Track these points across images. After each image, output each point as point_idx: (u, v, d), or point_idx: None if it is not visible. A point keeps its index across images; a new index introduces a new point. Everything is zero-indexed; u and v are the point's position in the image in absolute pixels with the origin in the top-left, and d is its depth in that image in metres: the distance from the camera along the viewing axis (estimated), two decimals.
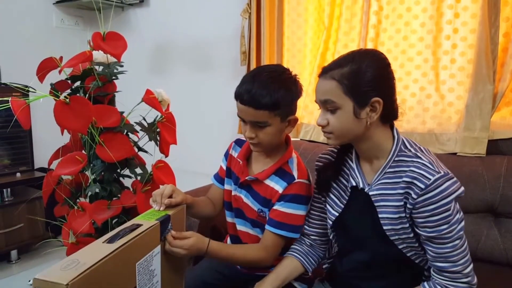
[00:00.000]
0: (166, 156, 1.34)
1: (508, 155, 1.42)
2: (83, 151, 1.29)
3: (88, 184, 1.30)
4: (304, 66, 1.93)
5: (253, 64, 1.94)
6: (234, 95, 1.01)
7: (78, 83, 1.34)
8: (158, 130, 1.31)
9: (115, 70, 1.32)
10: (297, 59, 1.93)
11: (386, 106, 0.86)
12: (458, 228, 0.83)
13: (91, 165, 1.27)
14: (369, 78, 0.84)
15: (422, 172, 0.82)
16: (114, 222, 1.28)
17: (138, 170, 1.30)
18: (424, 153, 0.87)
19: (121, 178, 1.35)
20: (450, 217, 0.81)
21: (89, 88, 1.27)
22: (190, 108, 2.32)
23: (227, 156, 1.22)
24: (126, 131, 1.31)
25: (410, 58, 1.63)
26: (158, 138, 1.33)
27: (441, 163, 0.86)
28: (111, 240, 0.74)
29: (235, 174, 1.17)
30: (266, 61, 1.91)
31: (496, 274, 1.28)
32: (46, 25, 2.53)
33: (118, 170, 1.29)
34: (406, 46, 1.64)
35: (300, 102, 1.08)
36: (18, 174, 2.16)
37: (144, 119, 1.33)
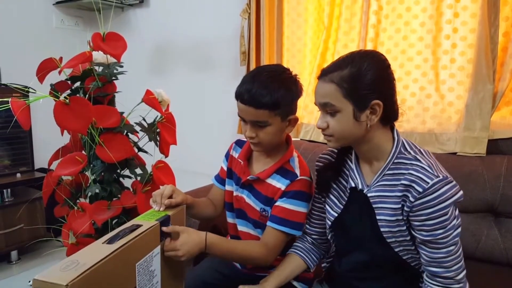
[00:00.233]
0: (166, 156, 1.34)
1: (508, 155, 1.42)
2: (83, 152, 1.29)
3: (88, 184, 1.30)
4: (304, 66, 1.93)
5: (252, 64, 1.94)
6: (235, 95, 1.02)
7: (78, 84, 1.34)
8: (158, 130, 1.31)
9: (115, 71, 1.32)
10: (297, 59, 1.93)
11: (386, 108, 0.85)
12: (454, 234, 0.82)
13: (91, 165, 1.27)
14: (368, 81, 0.83)
15: (421, 175, 0.81)
16: (114, 222, 1.28)
17: (138, 171, 1.31)
18: (423, 155, 0.87)
19: (121, 179, 1.35)
20: (446, 222, 0.81)
21: (89, 88, 1.27)
22: (190, 108, 2.32)
23: (228, 157, 1.22)
24: (126, 132, 1.31)
25: (410, 58, 1.63)
26: (158, 138, 1.33)
27: (440, 167, 0.86)
28: (111, 240, 0.74)
29: (236, 174, 1.17)
30: (265, 61, 1.91)
31: (496, 274, 1.28)
32: (46, 25, 2.53)
33: (118, 171, 1.29)
34: (406, 45, 1.64)
35: (300, 102, 1.08)
36: (18, 175, 2.16)
37: (144, 120, 1.33)
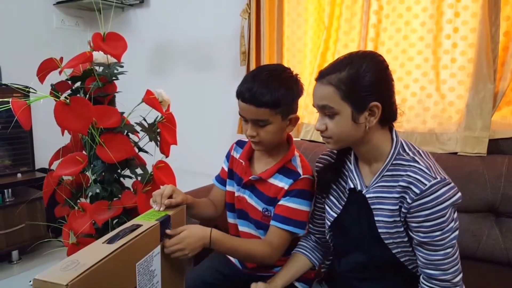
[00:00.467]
0: (167, 156, 1.34)
1: (509, 155, 1.42)
2: (84, 152, 1.29)
3: (88, 184, 1.30)
4: (304, 66, 1.93)
5: (252, 64, 1.94)
6: (236, 94, 1.02)
7: (78, 84, 1.34)
8: (159, 130, 1.31)
9: (115, 71, 1.32)
10: (297, 59, 1.93)
11: (385, 110, 0.85)
12: (451, 236, 0.82)
13: (92, 165, 1.27)
14: (367, 83, 0.83)
15: (418, 177, 0.81)
16: (114, 222, 1.28)
17: (139, 171, 1.30)
18: (422, 157, 0.86)
19: (121, 179, 1.35)
20: (444, 224, 0.81)
21: (89, 88, 1.27)
22: (190, 108, 2.32)
23: (229, 157, 1.22)
24: (126, 132, 1.31)
25: (410, 58, 1.63)
26: (159, 138, 1.33)
27: (439, 168, 0.85)
28: (111, 240, 0.74)
29: (238, 175, 1.17)
30: (266, 61, 1.91)
31: (497, 273, 1.28)
32: (46, 25, 2.53)
33: (119, 171, 1.29)
34: (406, 45, 1.64)
35: (300, 101, 1.08)
36: (19, 175, 2.16)
37: (144, 120, 1.33)
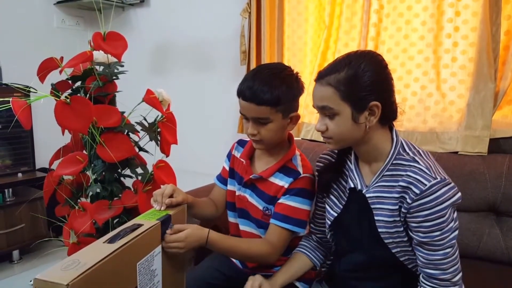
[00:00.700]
0: (167, 156, 1.34)
1: (509, 154, 1.41)
2: (84, 151, 1.29)
3: (89, 184, 1.30)
4: (305, 65, 1.93)
5: (253, 63, 1.93)
6: (237, 92, 1.02)
7: (78, 83, 1.34)
8: (159, 130, 1.31)
9: (116, 70, 1.32)
10: (297, 58, 1.93)
11: (385, 109, 0.85)
12: (451, 236, 0.82)
13: (92, 165, 1.27)
14: (366, 83, 0.82)
15: (418, 177, 0.81)
16: (115, 222, 1.28)
17: (139, 170, 1.31)
18: (422, 157, 0.86)
19: (122, 178, 1.35)
20: (443, 224, 0.81)
21: (89, 88, 1.27)
22: (191, 107, 2.32)
23: (230, 156, 1.22)
24: (126, 131, 1.31)
25: (411, 57, 1.63)
26: (159, 138, 1.33)
27: (439, 168, 0.85)
28: (112, 240, 0.74)
29: (239, 174, 1.17)
30: (266, 60, 1.90)
31: (497, 273, 1.28)
32: (47, 25, 2.53)
33: (119, 170, 1.29)
34: (407, 44, 1.63)
35: (301, 101, 1.08)
36: (20, 175, 2.16)
37: (144, 119, 1.33)
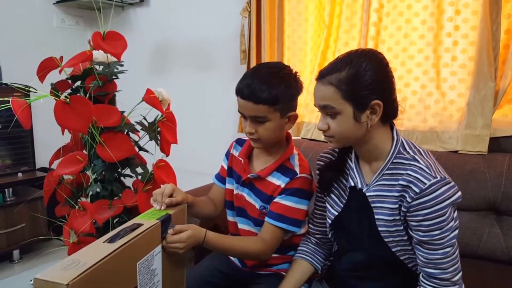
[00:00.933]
0: (167, 155, 1.34)
1: (510, 153, 1.41)
2: (84, 151, 1.29)
3: (89, 183, 1.30)
4: (305, 65, 1.92)
5: (253, 63, 1.93)
6: (235, 91, 1.02)
7: (78, 83, 1.34)
8: (159, 129, 1.31)
9: (115, 70, 1.32)
10: (297, 58, 1.93)
11: (386, 107, 0.85)
12: (450, 235, 0.82)
13: (92, 164, 1.27)
14: (367, 81, 0.82)
15: (418, 176, 0.81)
16: (115, 221, 1.28)
17: (139, 170, 1.30)
18: (422, 156, 0.86)
19: (122, 178, 1.35)
20: (443, 223, 0.81)
21: (89, 87, 1.27)
22: (191, 107, 2.32)
23: (228, 155, 1.22)
24: (126, 131, 1.31)
25: (411, 56, 1.63)
26: (159, 137, 1.33)
27: (439, 167, 0.85)
28: (112, 239, 0.74)
29: (237, 173, 1.17)
30: (266, 59, 1.90)
31: (497, 272, 1.28)
32: (46, 25, 2.53)
33: (119, 170, 1.29)
34: (407, 43, 1.63)
35: (301, 100, 1.08)
36: (20, 174, 2.16)
37: (144, 119, 1.33)
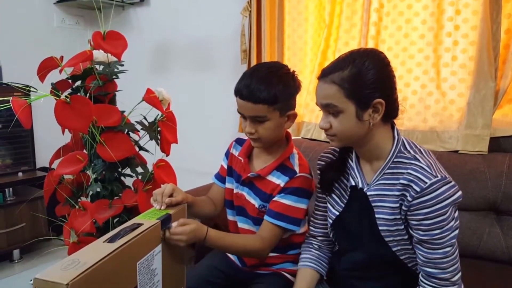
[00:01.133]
0: (167, 155, 1.34)
1: (510, 153, 1.41)
2: (84, 151, 1.29)
3: (89, 183, 1.30)
4: (305, 64, 1.92)
5: (253, 62, 1.93)
6: (234, 91, 1.03)
7: (78, 83, 1.34)
8: (159, 129, 1.31)
9: (116, 69, 1.32)
10: (298, 57, 1.93)
11: (388, 106, 0.85)
12: (451, 235, 0.82)
13: (92, 164, 1.27)
14: (370, 80, 0.83)
15: (419, 175, 0.82)
16: (115, 221, 1.28)
17: (139, 169, 1.31)
18: (423, 155, 0.86)
19: (122, 177, 1.35)
20: (443, 222, 0.81)
21: (89, 87, 1.27)
22: (191, 107, 2.32)
23: (228, 155, 1.23)
24: (127, 130, 1.31)
25: (411, 56, 1.63)
26: (159, 137, 1.33)
27: (440, 167, 0.85)
28: (112, 239, 0.74)
29: (237, 172, 1.17)
30: (266, 59, 1.90)
31: (498, 272, 1.28)
32: (47, 24, 2.53)
33: (119, 169, 1.29)
34: (407, 43, 1.63)
35: (301, 100, 1.08)
36: (20, 174, 2.16)
37: (145, 118, 1.33)
